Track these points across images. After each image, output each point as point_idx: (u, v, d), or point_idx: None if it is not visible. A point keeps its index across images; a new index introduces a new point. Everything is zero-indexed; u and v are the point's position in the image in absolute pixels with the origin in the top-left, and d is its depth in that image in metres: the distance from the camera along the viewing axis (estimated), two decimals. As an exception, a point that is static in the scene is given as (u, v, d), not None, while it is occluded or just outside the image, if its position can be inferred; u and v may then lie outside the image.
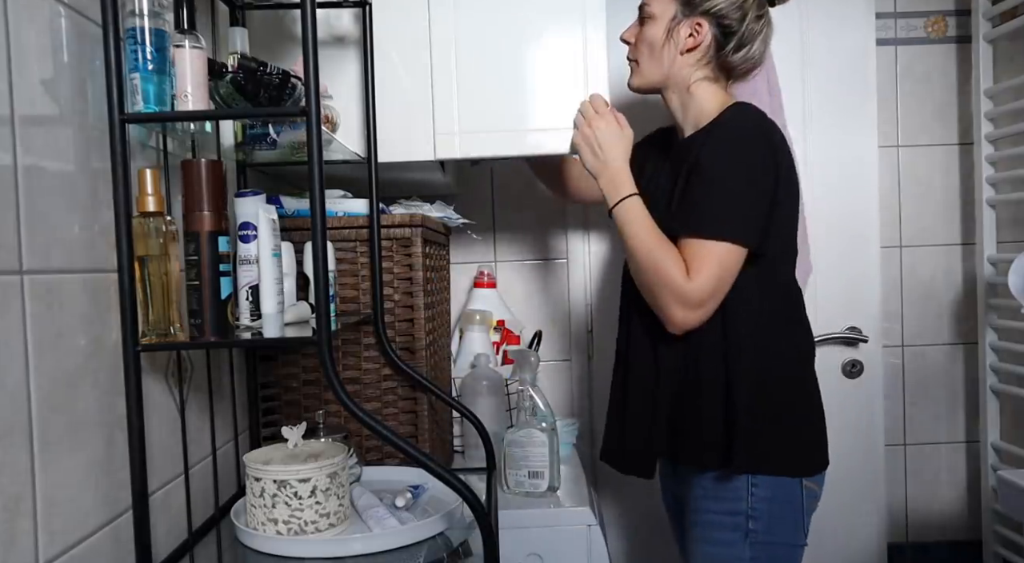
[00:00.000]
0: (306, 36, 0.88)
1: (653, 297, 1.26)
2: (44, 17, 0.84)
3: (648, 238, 1.25)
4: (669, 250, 1.23)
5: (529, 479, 1.59)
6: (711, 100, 1.33)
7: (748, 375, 1.24)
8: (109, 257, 0.92)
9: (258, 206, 1.04)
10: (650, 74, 1.36)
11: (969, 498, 2.21)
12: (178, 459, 1.10)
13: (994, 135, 2.04)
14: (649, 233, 1.26)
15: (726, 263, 1.21)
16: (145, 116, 0.93)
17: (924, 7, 2.15)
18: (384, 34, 1.40)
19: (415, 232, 1.41)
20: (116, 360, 0.92)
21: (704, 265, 1.20)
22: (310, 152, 0.90)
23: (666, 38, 1.32)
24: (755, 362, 1.25)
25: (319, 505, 1.02)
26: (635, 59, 1.38)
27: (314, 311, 0.94)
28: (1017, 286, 1.77)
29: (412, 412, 1.42)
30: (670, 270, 1.21)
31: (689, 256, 1.22)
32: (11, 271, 0.77)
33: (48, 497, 0.81)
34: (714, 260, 1.20)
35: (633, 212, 1.28)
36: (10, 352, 0.76)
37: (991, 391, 2.09)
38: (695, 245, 1.22)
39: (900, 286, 2.19)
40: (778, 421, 1.26)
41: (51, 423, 0.82)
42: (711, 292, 1.21)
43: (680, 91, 1.35)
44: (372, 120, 1.38)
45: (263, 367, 1.41)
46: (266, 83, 1.05)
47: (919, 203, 2.18)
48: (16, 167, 0.78)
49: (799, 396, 1.31)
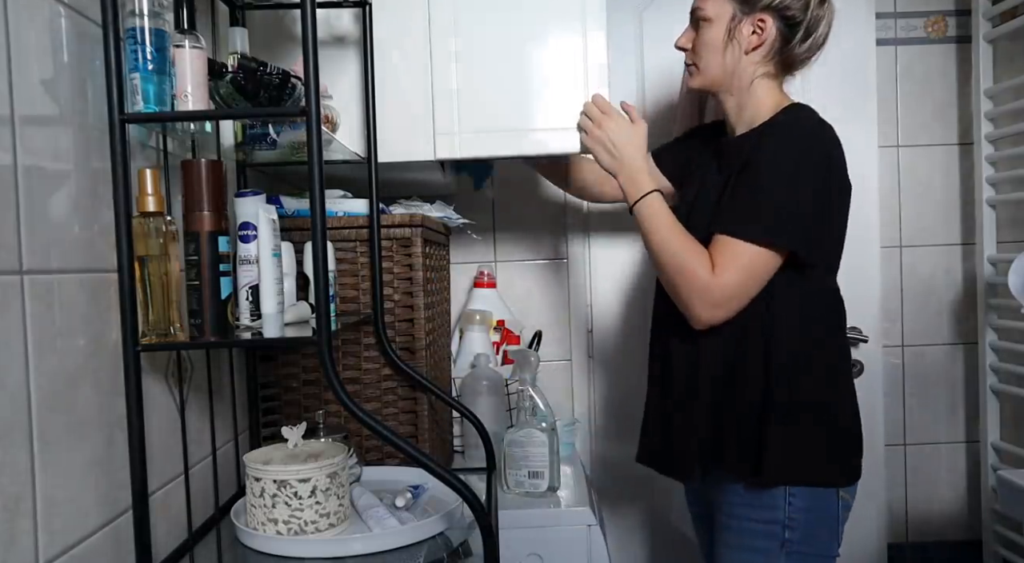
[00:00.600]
0: (306, 36, 0.88)
1: (676, 292, 1.24)
2: (44, 17, 0.84)
3: (670, 234, 1.24)
4: (692, 245, 1.22)
5: (529, 479, 1.59)
6: (768, 99, 1.30)
7: (789, 384, 1.22)
8: (109, 257, 0.92)
9: (258, 206, 1.04)
10: (714, 77, 1.32)
11: (969, 498, 2.21)
12: (178, 459, 1.10)
13: (994, 135, 2.04)
14: (671, 229, 1.24)
15: (755, 264, 1.19)
16: (145, 116, 0.93)
17: (924, 7, 2.15)
18: (384, 34, 1.40)
19: (415, 232, 1.41)
20: (116, 360, 0.92)
21: (731, 263, 1.19)
22: (310, 152, 0.90)
23: (728, 39, 1.28)
24: (796, 371, 1.23)
25: (319, 505, 1.02)
26: (694, 63, 1.34)
27: (314, 311, 0.94)
28: (1017, 286, 1.77)
29: (412, 412, 1.42)
30: (693, 266, 1.20)
31: (717, 253, 1.20)
32: (11, 271, 0.77)
33: (48, 497, 0.81)
34: (742, 260, 1.19)
35: (654, 207, 1.26)
36: (10, 352, 0.76)
37: (991, 391, 2.09)
38: (724, 242, 1.20)
39: (900, 286, 2.19)
40: (818, 432, 1.24)
41: (51, 423, 0.82)
42: (735, 291, 1.20)
43: (740, 91, 1.31)
44: (372, 120, 1.38)
45: (263, 367, 1.41)
46: (266, 83, 1.05)
47: (919, 203, 2.18)
48: (16, 167, 0.78)
49: (839, 407, 1.28)
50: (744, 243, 1.19)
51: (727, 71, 1.30)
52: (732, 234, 1.20)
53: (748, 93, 1.30)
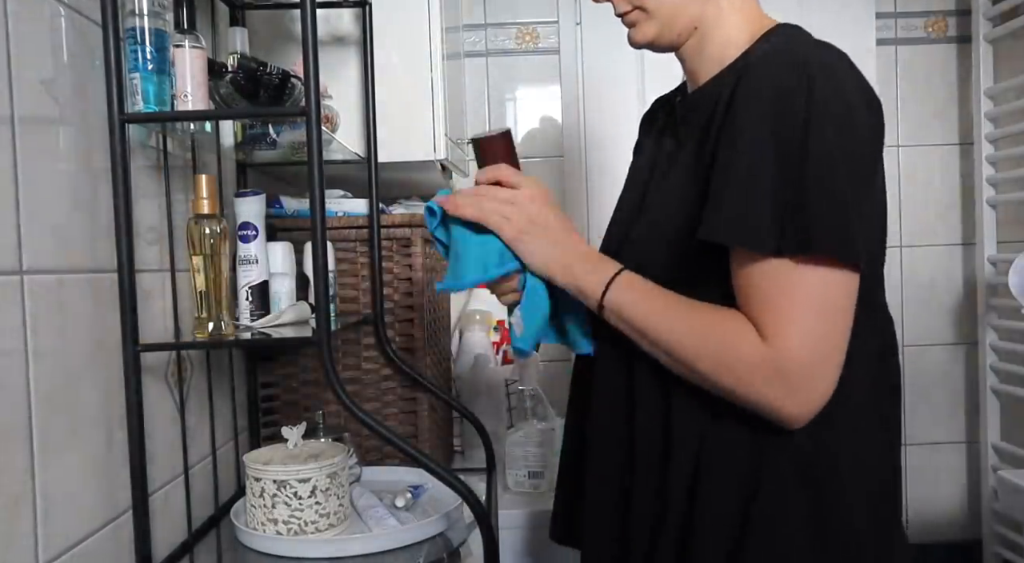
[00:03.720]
0: (306, 36, 0.88)
1: (735, 393, 0.73)
2: (44, 17, 0.84)
3: (677, 314, 0.77)
4: (712, 314, 0.75)
5: (529, 479, 1.59)
6: (741, 24, 0.82)
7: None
8: (109, 257, 0.92)
9: (258, 206, 1.04)
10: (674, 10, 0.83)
11: (969, 498, 2.21)
12: (178, 459, 1.10)
13: (994, 135, 2.04)
14: (673, 306, 0.77)
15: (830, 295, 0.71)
16: (145, 116, 0.93)
17: (924, 7, 2.15)
18: (384, 34, 1.40)
19: (415, 232, 1.41)
20: (116, 360, 0.92)
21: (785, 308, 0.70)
22: (310, 152, 0.90)
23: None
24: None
25: (319, 505, 1.02)
26: (639, 6, 0.84)
27: (314, 311, 0.94)
28: (1017, 286, 1.77)
29: (412, 412, 1.42)
30: (733, 341, 0.72)
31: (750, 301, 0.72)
32: (11, 271, 0.77)
33: (48, 497, 0.81)
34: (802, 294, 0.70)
35: (635, 287, 0.79)
36: (10, 352, 0.76)
37: (991, 391, 2.09)
38: (760, 274, 0.71)
39: (900, 286, 2.19)
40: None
41: (51, 423, 0.82)
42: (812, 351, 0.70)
43: (703, 27, 0.83)
44: (372, 120, 1.38)
45: (263, 367, 1.41)
46: (266, 83, 1.05)
47: (919, 203, 2.18)
48: (16, 167, 0.78)
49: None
50: (800, 267, 0.70)
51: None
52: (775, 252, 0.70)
53: (712, 24, 0.83)
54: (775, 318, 0.70)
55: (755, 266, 0.71)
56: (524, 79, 2.18)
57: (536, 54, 2.16)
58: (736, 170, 0.72)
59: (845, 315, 0.71)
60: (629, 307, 0.78)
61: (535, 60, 2.16)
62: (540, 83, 2.17)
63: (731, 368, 0.72)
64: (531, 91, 2.19)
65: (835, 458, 0.75)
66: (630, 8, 0.85)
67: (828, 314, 0.71)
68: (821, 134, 0.70)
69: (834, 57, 0.74)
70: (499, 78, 2.17)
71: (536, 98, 2.19)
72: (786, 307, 0.70)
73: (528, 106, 2.20)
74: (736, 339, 0.72)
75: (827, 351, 0.71)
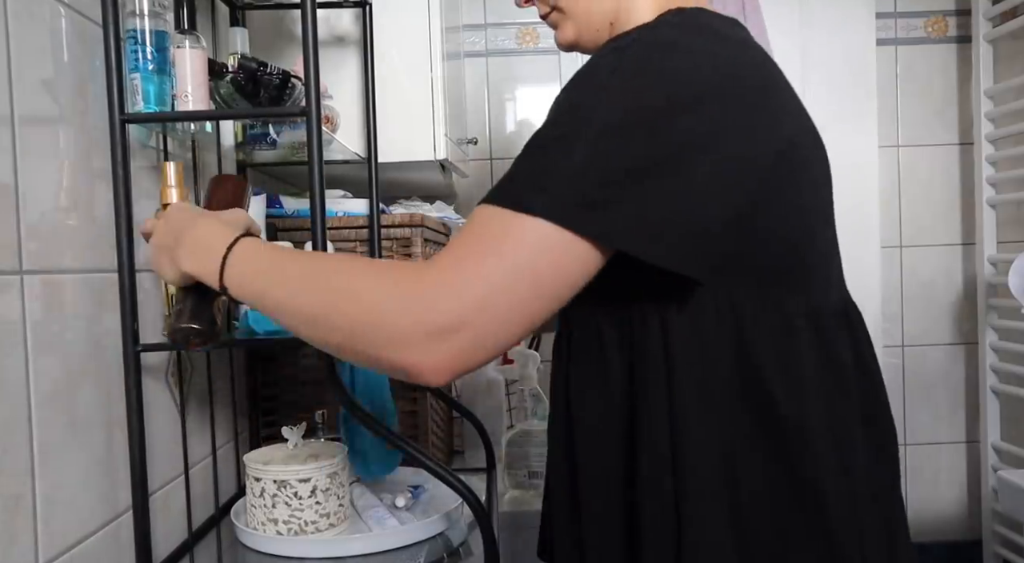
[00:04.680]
0: (306, 36, 0.88)
1: (352, 336, 0.62)
2: (44, 17, 0.84)
3: (303, 266, 0.68)
4: (348, 259, 0.70)
5: (529, 479, 1.59)
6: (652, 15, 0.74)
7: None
8: (109, 257, 0.92)
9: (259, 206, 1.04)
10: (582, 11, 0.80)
11: (969, 498, 2.21)
12: (178, 459, 1.10)
13: (994, 135, 2.04)
14: (296, 259, 0.70)
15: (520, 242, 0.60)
16: (145, 116, 0.93)
17: (924, 7, 2.15)
18: (384, 34, 1.40)
19: (415, 232, 1.41)
20: (116, 360, 0.92)
21: (455, 241, 0.62)
22: (310, 152, 0.90)
23: None
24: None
25: (319, 505, 1.02)
26: (555, 7, 0.81)
27: (314, 311, 0.93)
28: (1017, 286, 1.77)
29: (412, 412, 1.42)
30: (366, 277, 0.64)
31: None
32: (11, 271, 0.77)
33: (48, 497, 0.81)
34: (477, 233, 0.62)
35: (249, 251, 0.71)
36: (10, 352, 0.76)
37: (991, 391, 2.09)
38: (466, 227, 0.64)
39: (900, 286, 2.19)
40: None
41: (51, 423, 0.82)
42: (455, 274, 0.59)
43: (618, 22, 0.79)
44: (372, 120, 1.38)
45: (263, 367, 1.41)
46: (266, 83, 1.05)
47: (919, 203, 2.18)
48: (16, 167, 0.78)
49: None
50: (494, 208, 0.61)
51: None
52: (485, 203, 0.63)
53: (627, 19, 0.78)
54: (447, 250, 0.62)
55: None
56: (524, 79, 2.18)
57: (536, 54, 2.16)
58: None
59: (530, 269, 0.59)
60: (249, 262, 0.70)
61: (535, 60, 2.17)
62: (540, 83, 2.17)
63: (357, 300, 0.62)
64: (531, 91, 2.19)
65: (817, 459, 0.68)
66: (549, 10, 0.83)
67: (496, 254, 0.60)
68: (608, 106, 0.62)
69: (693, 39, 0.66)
70: (499, 78, 2.17)
71: (536, 98, 2.19)
72: (455, 241, 0.62)
73: (528, 106, 2.20)
74: (376, 268, 0.66)
75: (476, 283, 0.59)
